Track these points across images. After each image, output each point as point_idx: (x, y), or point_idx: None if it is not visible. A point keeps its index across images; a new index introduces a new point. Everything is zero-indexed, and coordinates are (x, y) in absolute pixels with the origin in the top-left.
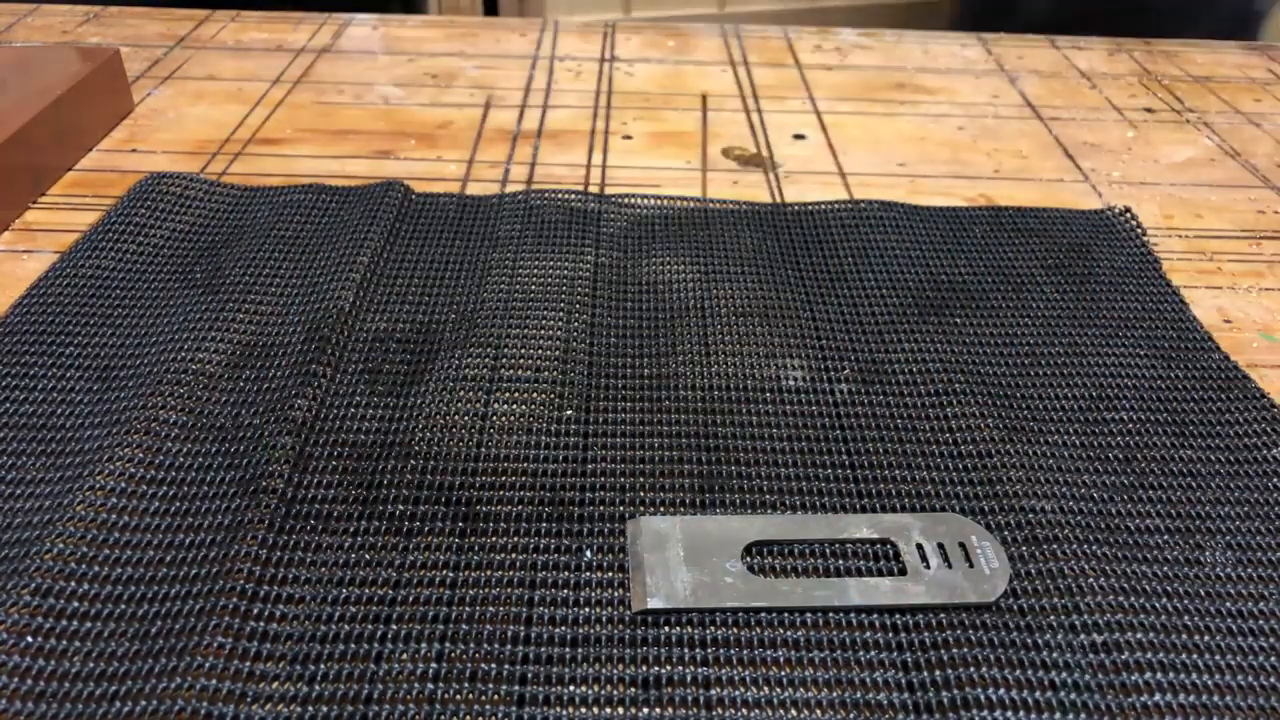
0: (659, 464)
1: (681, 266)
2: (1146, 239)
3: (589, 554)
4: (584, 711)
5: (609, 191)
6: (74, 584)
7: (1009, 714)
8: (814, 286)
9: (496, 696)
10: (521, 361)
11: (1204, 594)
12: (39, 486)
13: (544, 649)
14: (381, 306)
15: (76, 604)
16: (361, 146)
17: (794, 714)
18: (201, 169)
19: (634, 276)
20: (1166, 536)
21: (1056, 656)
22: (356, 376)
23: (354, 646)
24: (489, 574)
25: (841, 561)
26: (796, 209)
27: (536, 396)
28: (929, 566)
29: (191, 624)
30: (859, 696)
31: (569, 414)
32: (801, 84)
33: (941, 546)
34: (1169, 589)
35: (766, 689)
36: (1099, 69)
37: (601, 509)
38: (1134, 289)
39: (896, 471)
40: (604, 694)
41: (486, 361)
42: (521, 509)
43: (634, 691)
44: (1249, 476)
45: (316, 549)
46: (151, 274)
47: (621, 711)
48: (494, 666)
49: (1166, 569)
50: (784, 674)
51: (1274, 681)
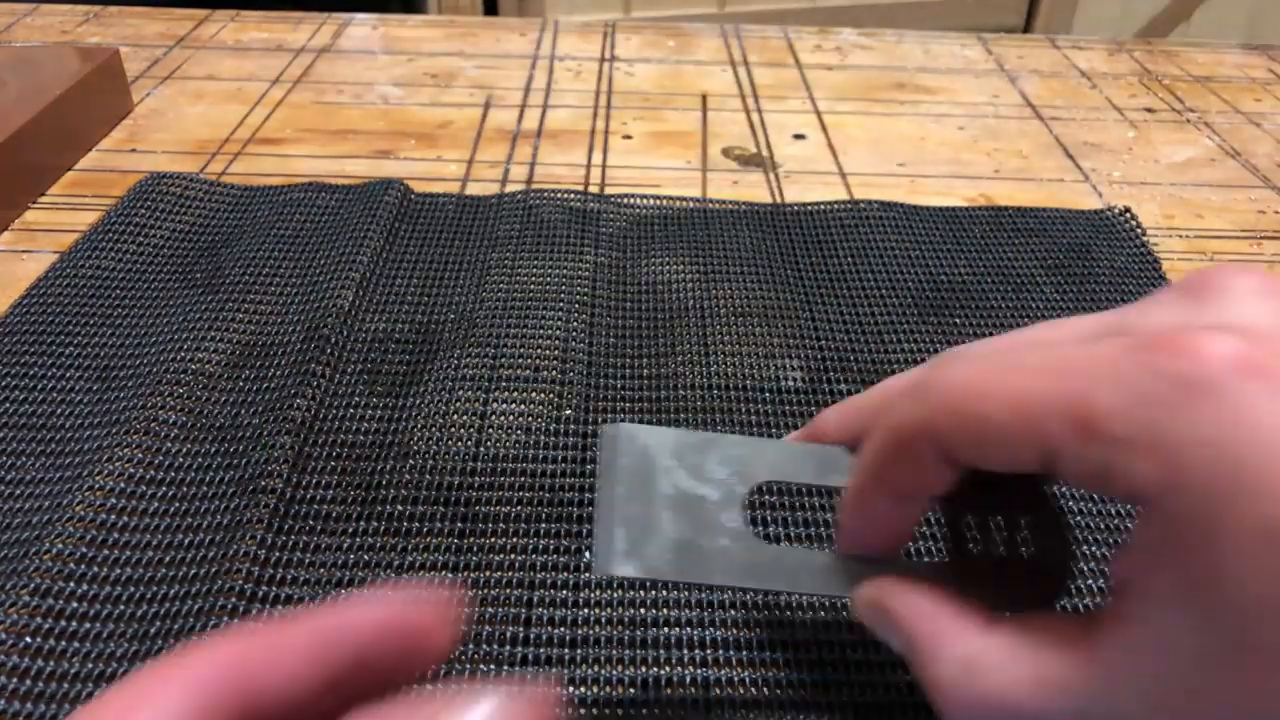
0: None
1: (681, 267)
2: (1147, 239)
3: (589, 554)
4: (584, 712)
5: (609, 191)
6: (73, 584)
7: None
8: (813, 286)
9: None
10: (520, 361)
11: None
12: (39, 486)
13: (544, 649)
14: (381, 306)
15: (76, 604)
16: (361, 146)
17: (794, 714)
18: (201, 169)
19: (633, 276)
20: None
21: None
22: (355, 376)
23: None
24: (488, 574)
25: None
26: (796, 209)
27: (535, 396)
28: (975, 548)
29: (190, 624)
30: (859, 697)
31: (568, 414)
32: (801, 84)
33: (996, 522)
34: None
35: (766, 689)
36: (1099, 69)
37: None
38: (1134, 289)
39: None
40: (604, 694)
41: (485, 361)
42: (521, 509)
43: (634, 692)
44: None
45: (315, 549)
46: (151, 274)
47: (621, 712)
48: (493, 667)
49: None
50: (784, 674)
51: None
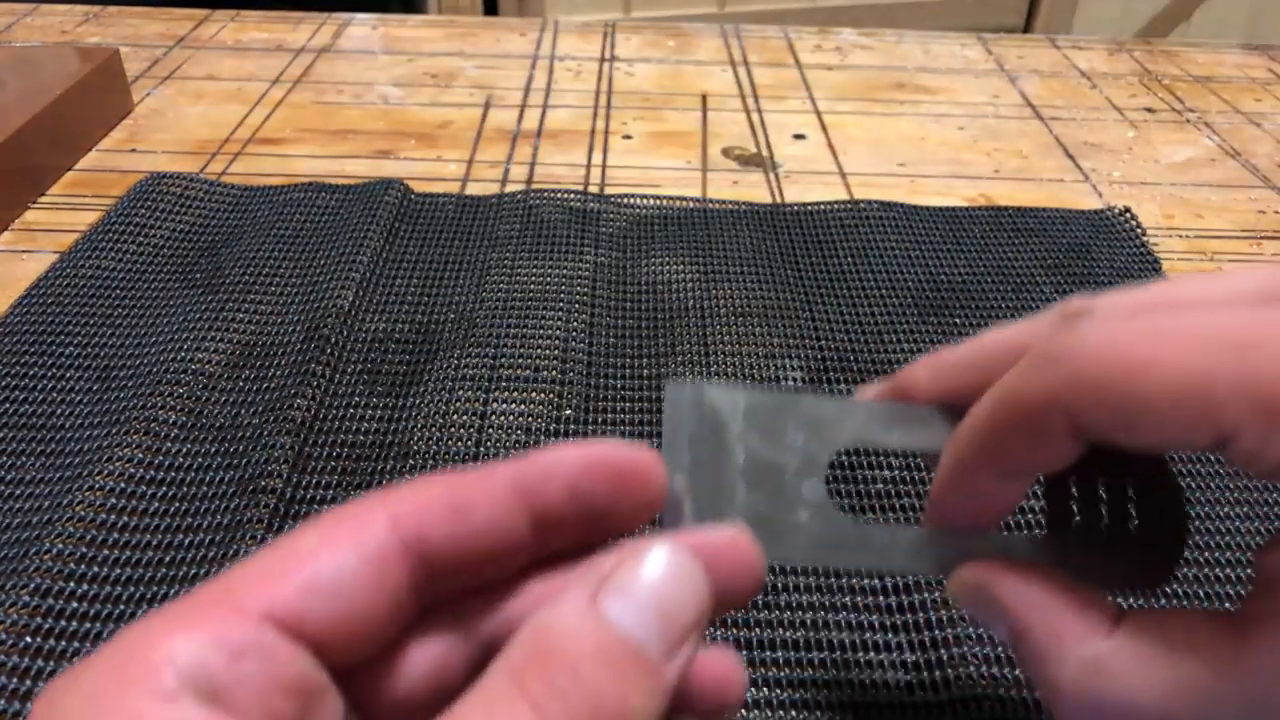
0: None
1: (681, 267)
2: (1147, 239)
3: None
4: None
5: (609, 191)
6: (73, 584)
7: (1009, 714)
8: (813, 286)
9: None
10: (520, 361)
11: (1203, 595)
12: (39, 486)
13: None
14: (381, 306)
15: (76, 604)
16: (361, 146)
17: (794, 714)
18: (201, 169)
19: (633, 276)
20: None
21: None
22: (355, 376)
23: None
24: None
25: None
26: (796, 209)
27: (535, 396)
28: (1082, 520)
29: None
30: (859, 697)
31: (568, 414)
32: (801, 84)
33: (1101, 489)
34: (1169, 589)
35: (766, 689)
36: (1099, 69)
37: None
38: None
39: (896, 472)
40: None
41: (485, 361)
42: None
43: None
44: (1249, 476)
45: None
46: (151, 274)
47: None
48: None
49: None
50: (784, 674)
51: None
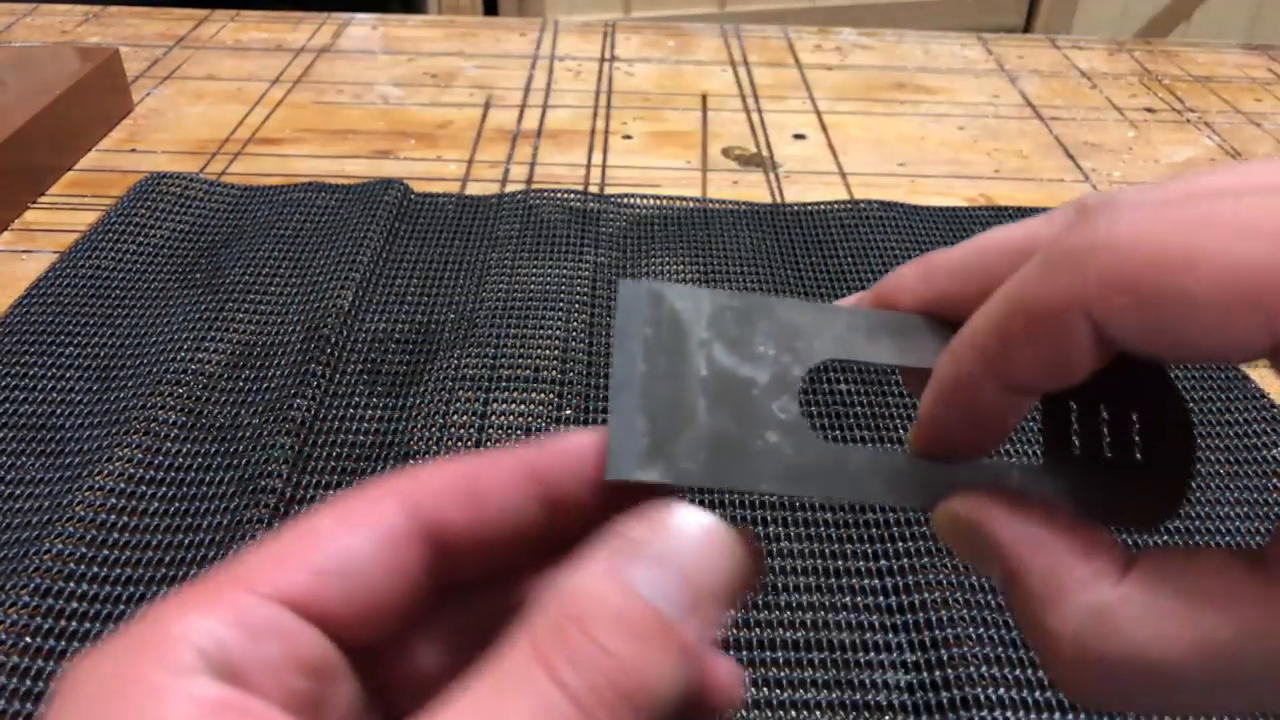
0: None
1: (681, 266)
2: None
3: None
4: None
5: (609, 191)
6: (73, 584)
7: (1009, 714)
8: (813, 286)
9: None
10: (520, 361)
11: None
12: (39, 486)
13: None
14: (381, 306)
15: (76, 604)
16: (361, 146)
17: (794, 714)
18: (201, 169)
19: (633, 276)
20: (1166, 536)
21: None
22: (355, 376)
23: None
24: None
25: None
26: (796, 209)
27: (535, 396)
28: (1080, 449)
29: None
30: (859, 697)
31: (568, 414)
32: (802, 84)
33: (1116, 418)
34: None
35: (766, 689)
36: (1099, 69)
37: None
38: None
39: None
40: None
41: (485, 361)
42: None
43: None
44: (1249, 476)
45: None
46: (151, 274)
47: None
48: None
49: None
50: (784, 674)
51: None
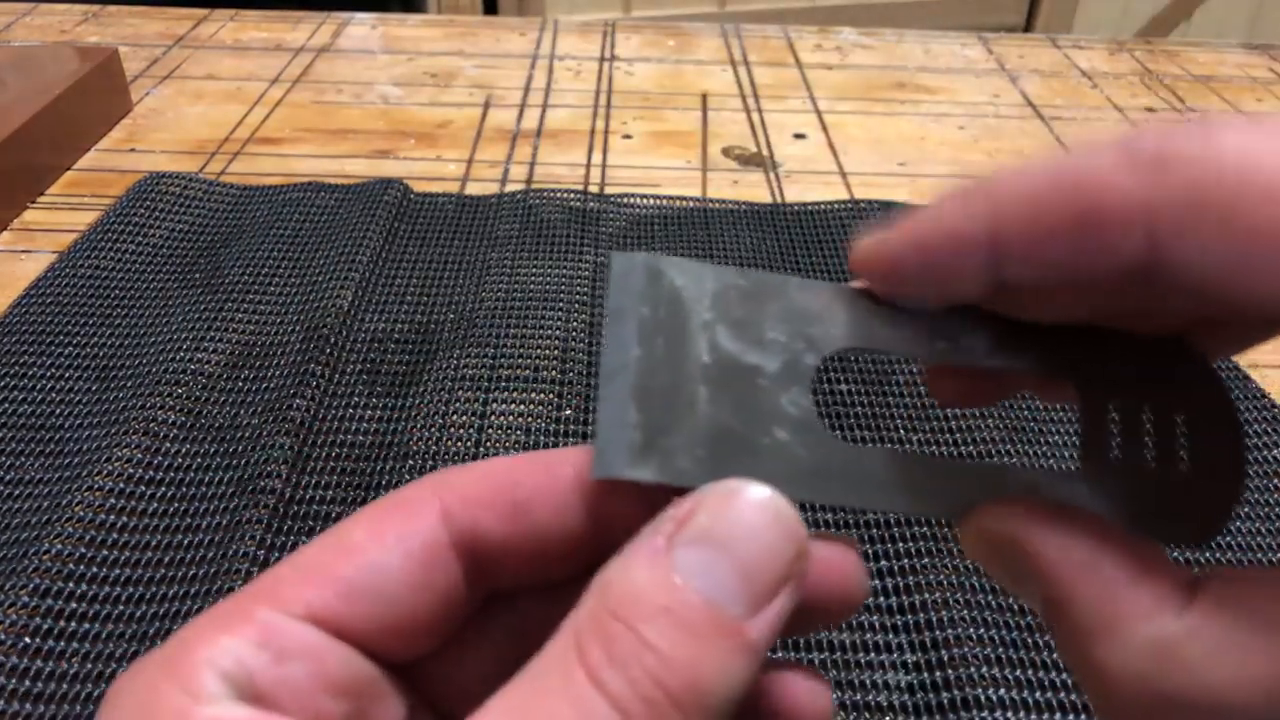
0: None
1: None
2: None
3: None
4: None
5: (609, 191)
6: (73, 584)
7: (1009, 714)
8: None
9: None
10: (520, 361)
11: None
12: (39, 486)
13: None
14: (380, 306)
15: (76, 604)
16: (360, 146)
17: None
18: (200, 169)
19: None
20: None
21: (1057, 657)
22: (355, 376)
23: None
24: None
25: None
26: (796, 209)
27: (535, 396)
28: (1123, 456)
29: None
30: (859, 697)
31: (568, 414)
32: (802, 83)
33: (1146, 417)
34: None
35: None
36: (1100, 68)
37: None
38: None
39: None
40: None
41: (485, 361)
42: None
43: None
44: (1250, 477)
45: None
46: (150, 274)
47: None
48: None
49: None
50: None
51: None
